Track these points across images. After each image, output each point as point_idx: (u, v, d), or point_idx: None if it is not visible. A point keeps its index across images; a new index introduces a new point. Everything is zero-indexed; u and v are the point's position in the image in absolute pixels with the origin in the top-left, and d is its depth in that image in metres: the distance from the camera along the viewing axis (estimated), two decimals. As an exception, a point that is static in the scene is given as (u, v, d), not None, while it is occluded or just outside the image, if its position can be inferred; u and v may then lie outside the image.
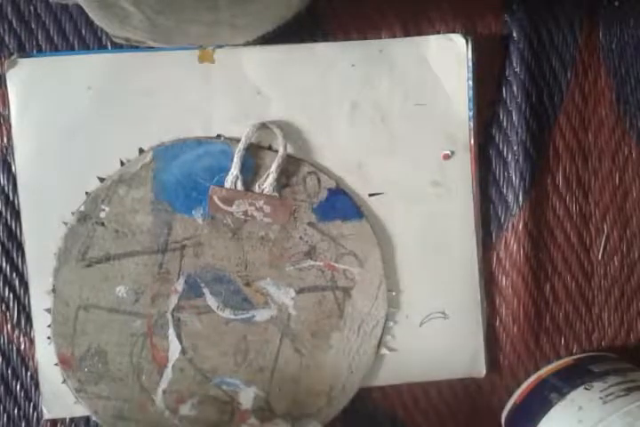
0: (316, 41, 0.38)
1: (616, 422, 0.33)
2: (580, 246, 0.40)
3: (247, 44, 0.36)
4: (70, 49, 0.37)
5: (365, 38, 0.38)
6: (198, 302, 0.37)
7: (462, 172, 0.38)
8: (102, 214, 0.37)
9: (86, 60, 0.37)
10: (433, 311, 0.38)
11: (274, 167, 0.36)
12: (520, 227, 0.39)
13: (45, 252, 0.37)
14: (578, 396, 0.35)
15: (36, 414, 0.38)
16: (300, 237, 0.37)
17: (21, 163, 0.37)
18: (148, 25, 0.32)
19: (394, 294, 0.38)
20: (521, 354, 0.39)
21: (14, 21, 0.37)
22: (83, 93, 0.37)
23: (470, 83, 0.38)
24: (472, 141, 0.38)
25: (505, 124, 0.39)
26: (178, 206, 0.37)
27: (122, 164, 0.37)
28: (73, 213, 0.37)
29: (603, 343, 0.40)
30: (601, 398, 0.34)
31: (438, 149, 0.38)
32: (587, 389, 0.35)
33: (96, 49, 0.37)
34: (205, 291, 0.37)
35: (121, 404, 0.37)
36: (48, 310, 0.37)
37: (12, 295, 0.37)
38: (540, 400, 0.36)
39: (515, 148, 0.39)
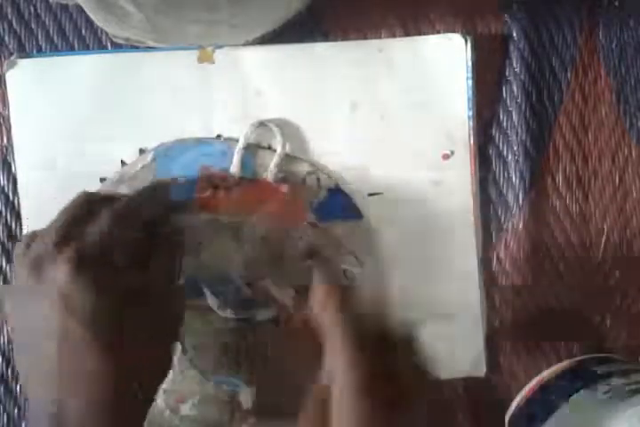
0: (316, 41, 0.38)
1: (620, 423, 0.32)
2: (580, 246, 0.40)
3: (247, 44, 0.36)
4: (70, 49, 0.37)
5: (365, 38, 0.38)
6: (199, 301, 0.37)
7: (462, 172, 0.38)
8: (103, 215, 0.37)
9: (86, 60, 0.37)
10: (433, 311, 0.38)
11: (272, 166, 0.37)
12: (520, 227, 0.39)
13: (46, 252, 0.37)
14: (581, 398, 0.35)
15: (36, 414, 0.38)
16: (300, 237, 0.37)
17: (21, 163, 0.37)
18: (147, 25, 0.32)
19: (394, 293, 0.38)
20: (521, 354, 0.39)
21: (14, 21, 0.37)
22: (83, 93, 0.37)
23: (470, 83, 0.38)
24: (472, 141, 0.38)
25: (505, 124, 0.39)
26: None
27: (122, 164, 0.37)
28: (73, 214, 0.37)
29: (603, 344, 0.40)
30: (604, 400, 0.34)
31: (438, 149, 0.38)
32: (590, 391, 0.35)
33: (96, 49, 0.37)
34: (206, 291, 0.37)
35: (121, 404, 0.37)
36: (48, 310, 0.37)
37: (12, 295, 0.37)
38: (543, 402, 0.36)
39: (515, 148, 0.39)
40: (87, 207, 0.31)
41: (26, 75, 0.37)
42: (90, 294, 0.28)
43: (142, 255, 0.31)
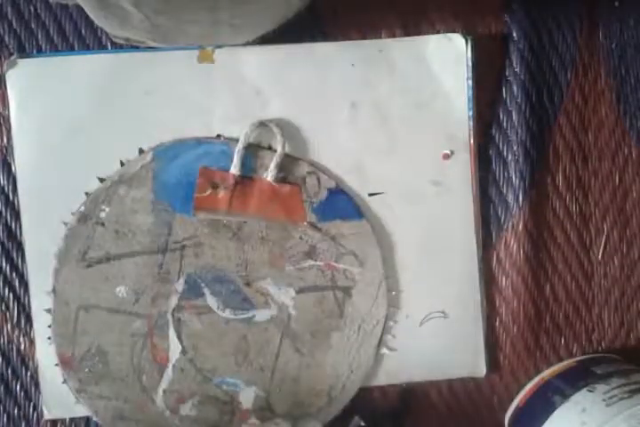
0: (316, 41, 0.38)
1: (620, 424, 0.32)
2: (580, 246, 0.40)
3: (247, 44, 0.36)
4: (70, 49, 0.37)
5: (365, 38, 0.38)
6: (198, 302, 0.37)
7: (462, 172, 0.38)
8: (102, 215, 0.37)
9: (86, 60, 0.37)
10: (433, 311, 0.38)
11: (272, 166, 0.37)
12: (520, 227, 0.39)
13: (45, 252, 0.37)
14: (581, 398, 0.35)
15: (35, 414, 0.38)
16: (300, 237, 0.37)
17: (21, 163, 0.37)
18: (147, 25, 0.32)
19: (394, 293, 0.38)
20: (521, 354, 0.39)
21: (14, 21, 0.37)
22: (83, 93, 0.37)
23: (470, 83, 0.38)
24: (472, 141, 0.38)
25: (505, 124, 0.39)
26: (178, 206, 0.37)
27: (122, 164, 0.37)
28: (73, 214, 0.37)
29: (603, 343, 0.40)
30: (604, 400, 0.34)
31: (438, 149, 0.38)
32: (590, 391, 0.35)
33: (96, 49, 0.37)
34: (205, 291, 0.37)
35: (121, 404, 0.37)
36: (48, 311, 0.37)
37: (11, 295, 0.37)
38: (543, 402, 0.36)
39: (515, 148, 0.39)
40: None
41: (26, 75, 0.37)
42: None
43: None
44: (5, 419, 0.38)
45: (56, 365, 0.37)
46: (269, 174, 0.37)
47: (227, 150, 0.37)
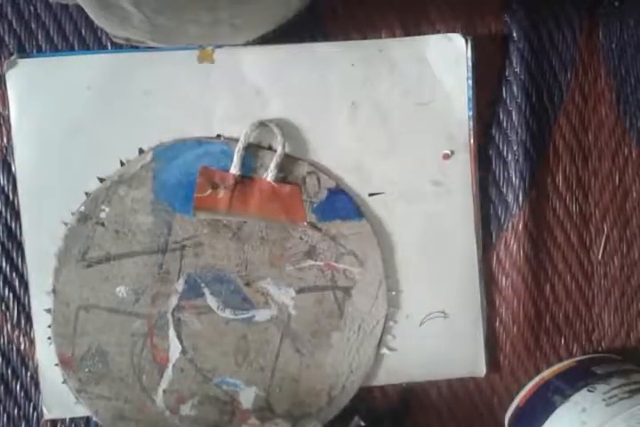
0: (316, 41, 0.38)
1: (619, 424, 0.32)
2: (580, 246, 0.40)
3: (247, 44, 0.36)
4: (70, 49, 0.37)
5: (365, 38, 0.38)
6: (198, 302, 0.37)
7: (462, 172, 0.38)
8: (102, 215, 0.37)
9: (86, 60, 0.37)
10: (433, 311, 0.38)
11: (272, 166, 0.37)
12: (520, 227, 0.39)
13: (45, 252, 0.37)
14: (581, 398, 0.35)
15: (35, 414, 0.38)
16: (300, 237, 0.37)
17: (21, 163, 0.37)
18: (147, 25, 0.32)
19: (394, 293, 0.38)
20: (521, 354, 0.39)
21: (14, 21, 0.37)
22: (83, 93, 0.37)
23: (470, 83, 0.38)
24: (472, 141, 0.38)
25: (505, 124, 0.39)
26: (178, 206, 0.37)
27: (122, 164, 0.37)
28: (73, 214, 0.37)
29: (603, 343, 0.40)
30: (604, 400, 0.34)
31: (438, 149, 0.38)
32: (590, 391, 0.35)
33: (96, 49, 0.37)
34: (205, 291, 0.37)
35: (121, 404, 0.37)
36: (48, 311, 0.37)
37: (11, 295, 0.37)
38: (543, 402, 0.36)
39: (515, 148, 0.39)
40: None
41: (26, 75, 0.37)
42: None
43: None
44: (5, 419, 0.38)
45: (56, 365, 0.37)
46: (269, 174, 0.37)
47: (227, 150, 0.37)
